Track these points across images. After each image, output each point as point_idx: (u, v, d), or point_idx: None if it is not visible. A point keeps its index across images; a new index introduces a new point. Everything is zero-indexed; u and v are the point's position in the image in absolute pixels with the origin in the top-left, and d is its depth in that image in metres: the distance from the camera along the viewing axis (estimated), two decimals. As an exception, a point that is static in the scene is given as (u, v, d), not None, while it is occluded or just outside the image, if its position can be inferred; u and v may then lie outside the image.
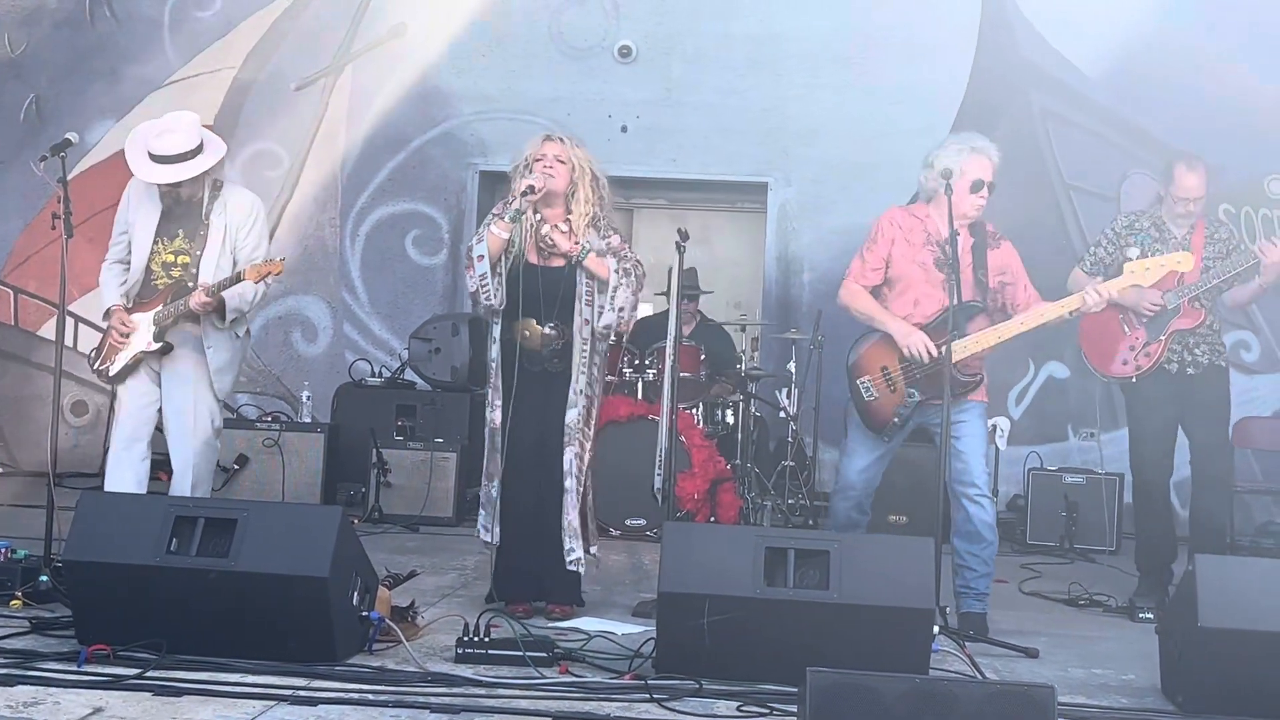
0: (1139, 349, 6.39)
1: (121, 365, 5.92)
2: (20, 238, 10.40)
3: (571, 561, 5.53)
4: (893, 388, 5.64)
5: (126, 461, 5.89)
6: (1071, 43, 10.02)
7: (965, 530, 5.62)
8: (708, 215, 10.72)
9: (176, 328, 5.90)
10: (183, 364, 5.95)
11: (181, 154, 5.79)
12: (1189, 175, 6.39)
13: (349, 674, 4.33)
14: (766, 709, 4.14)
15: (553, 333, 5.56)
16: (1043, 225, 9.65)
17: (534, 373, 5.57)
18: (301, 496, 8.43)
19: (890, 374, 5.64)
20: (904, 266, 5.67)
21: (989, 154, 5.71)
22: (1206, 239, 6.45)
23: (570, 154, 5.61)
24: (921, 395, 5.59)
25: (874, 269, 5.72)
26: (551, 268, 5.58)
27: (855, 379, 5.74)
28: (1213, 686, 4.38)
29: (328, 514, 4.66)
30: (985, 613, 5.65)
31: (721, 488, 8.12)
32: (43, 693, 3.94)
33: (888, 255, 5.69)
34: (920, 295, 5.64)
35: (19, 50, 10.68)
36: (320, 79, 10.55)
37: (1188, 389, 6.40)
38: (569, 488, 5.53)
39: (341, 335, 10.52)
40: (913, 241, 5.68)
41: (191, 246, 5.90)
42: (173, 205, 5.92)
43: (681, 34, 10.35)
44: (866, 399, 5.70)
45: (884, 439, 5.71)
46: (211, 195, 5.96)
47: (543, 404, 5.57)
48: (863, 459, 5.76)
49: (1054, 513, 8.64)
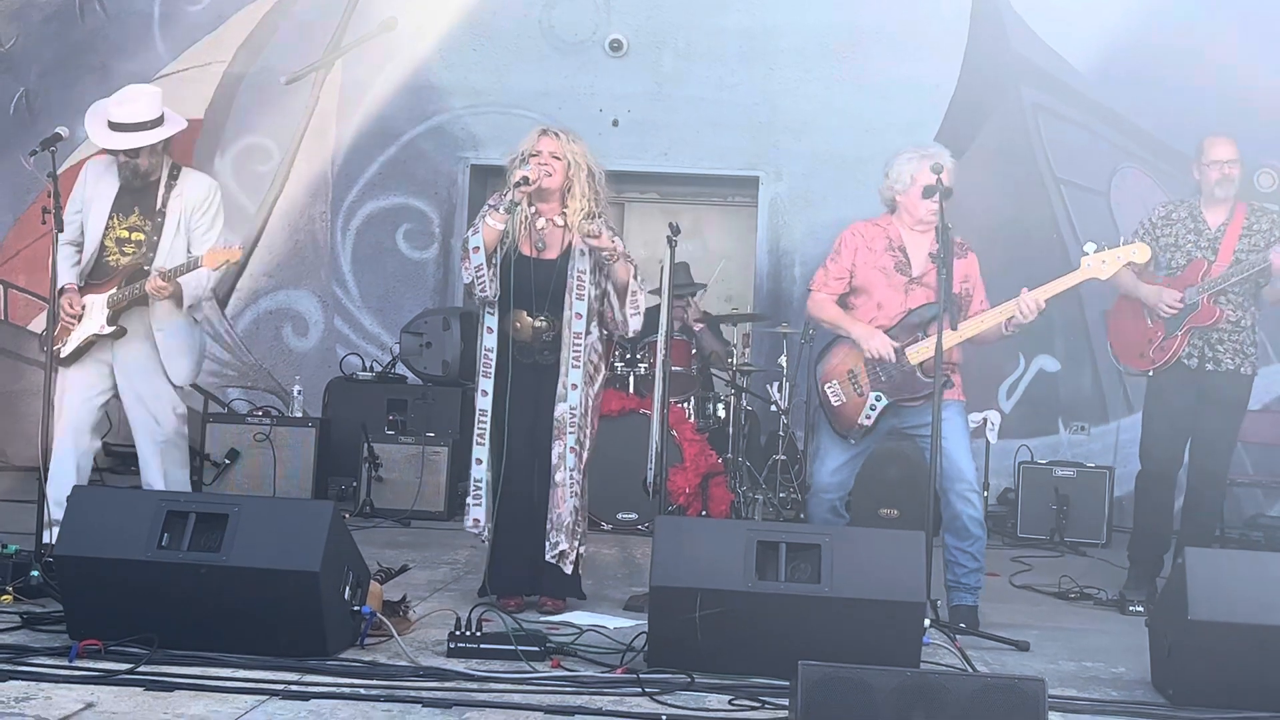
0: (1156, 343, 6.38)
1: (73, 348, 5.87)
2: (10, 232, 10.38)
3: (552, 556, 5.50)
4: (859, 391, 5.70)
5: (71, 454, 5.82)
6: (1062, 37, 10.02)
7: (955, 526, 5.66)
8: (699, 209, 10.71)
9: (129, 312, 5.87)
10: (135, 353, 5.92)
11: (141, 123, 5.79)
12: (1219, 142, 6.42)
13: (341, 668, 4.33)
14: (758, 702, 4.15)
15: (543, 325, 5.56)
16: (1033, 219, 9.67)
17: (525, 364, 5.57)
18: (293, 491, 8.43)
19: (856, 377, 5.71)
20: (866, 273, 5.77)
21: (942, 159, 5.65)
22: (1244, 230, 6.35)
23: (566, 149, 5.60)
24: (888, 398, 5.64)
25: (837, 278, 5.82)
26: (544, 260, 5.59)
27: (823, 384, 5.81)
28: (1203, 679, 4.39)
29: (319, 508, 4.66)
30: (976, 606, 5.69)
31: (713, 482, 8.12)
32: (34, 688, 3.94)
33: (851, 265, 5.80)
34: (883, 299, 5.72)
35: (9, 44, 10.65)
36: (311, 73, 10.54)
37: (1206, 385, 6.36)
38: (559, 480, 5.52)
39: (333, 329, 10.51)
40: (874, 249, 5.78)
41: (146, 227, 5.89)
42: (130, 178, 5.92)
43: (672, 28, 10.35)
44: (834, 403, 5.75)
45: (851, 441, 5.75)
46: (169, 178, 5.96)
47: (534, 396, 5.58)
48: (833, 461, 5.81)
49: (1045, 506, 8.65)
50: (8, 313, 10.29)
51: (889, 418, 5.70)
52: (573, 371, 5.55)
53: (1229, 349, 6.36)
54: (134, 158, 5.87)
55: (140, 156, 5.88)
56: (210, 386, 10.22)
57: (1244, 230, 6.36)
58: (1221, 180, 6.38)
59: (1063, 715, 4.24)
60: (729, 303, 10.58)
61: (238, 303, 10.55)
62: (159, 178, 5.95)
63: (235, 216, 10.45)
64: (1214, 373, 6.35)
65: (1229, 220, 6.39)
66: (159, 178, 5.95)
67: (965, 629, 5.39)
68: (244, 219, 10.50)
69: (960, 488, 5.60)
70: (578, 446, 5.56)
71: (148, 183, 5.94)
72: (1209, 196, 6.43)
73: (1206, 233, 6.39)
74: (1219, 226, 6.39)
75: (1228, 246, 6.33)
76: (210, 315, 10.41)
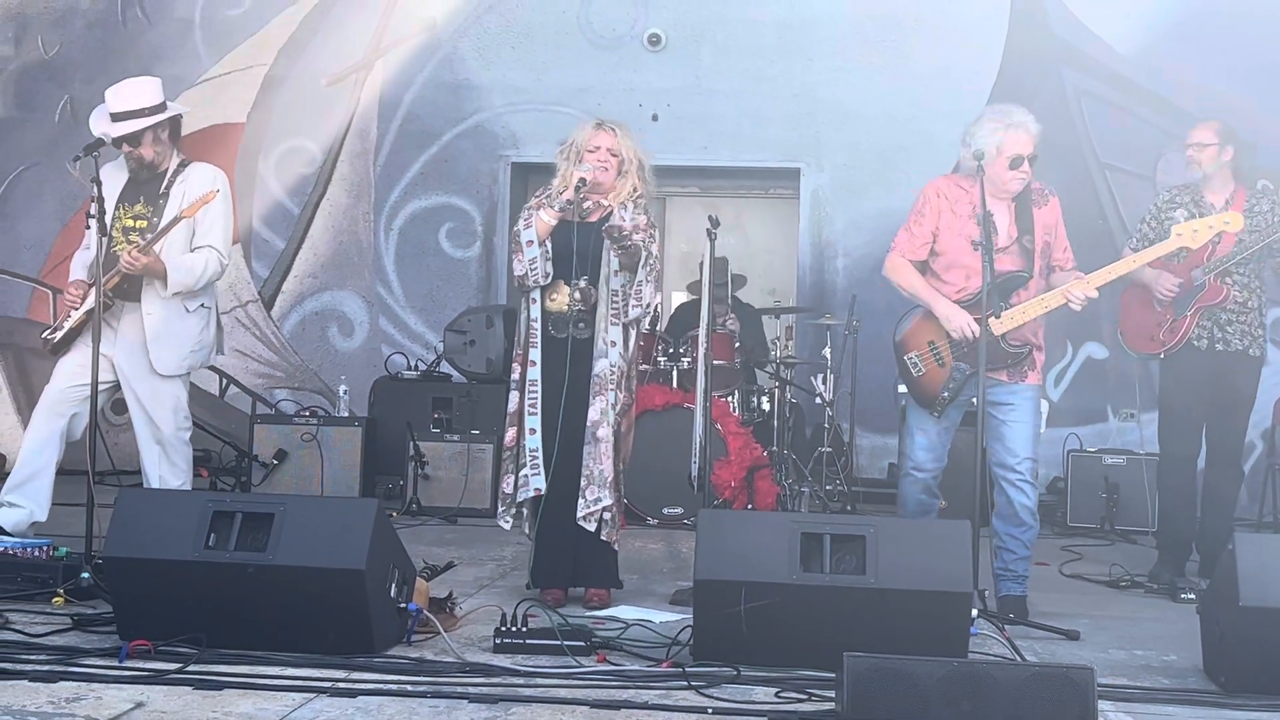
0: (1166, 325, 6.41)
1: (67, 329, 5.90)
2: (58, 238, 10.48)
3: (589, 513, 5.41)
4: (941, 362, 5.61)
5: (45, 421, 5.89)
6: (1104, 20, 9.94)
7: (1006, 514, 5.60)
8: (740, 202, 10.70)
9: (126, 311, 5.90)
10: (132, 350, 5.92)
11: (137, 109, 5.81)
12: (1199, 126, 6.60)
13: (387, 665, 4.34)
14: (804, 694, 4.13)
15: (578, 295, 5.49)
16: (1078, 205, 9.50)
17: (560, 340, 5.49)
18: (340, 490, 8.47)
19: (938, 348, 5.62)
20: (951, 240, 5.60)
21: (1027, 127, 5.53)
22: (1246, 211, 6.39)
23: (622, 146, 5.60)
24: (971, 367, 5.49)
25: (922, 243, 5.66)
26: (586, 224, 5.48)
27: (903, 354, 5.72)
28: (1255, 666, 4.34)
29: (364, 506, 4.66)
30: (1024, 595, 5.63)
31: (758, 475, 8.10)
32: (85, 688, 3.96)
33: (935, 228, 5.63)
34: (971, 270, 5.52)
35: (52, 52, 10.77)
36: (351, 74, 10.59)
37: (1218, 367, 6.41)
38: (600, 436, 5.44)
39: (377, 329, 10.56)
40: (959, 214, 5.60)
41: (150, 216, 5.90)
42: (137, 170, 5.95)
43: (710, 21, 10.33)
44: (915, 374, 5.68)
45: (934, 413, 5.64)
46: (176, 170, 5.99)
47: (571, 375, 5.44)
48: (924, 436, 5.71)
49: (1094, 494, 8.59)
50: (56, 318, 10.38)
51: (970, 390, 5.54)
52: (611, 329, 5.51)
53: (1238, 330, 6.42)
54: (136, 147, 5.89)
55: (142, 146, 5.90)
56: (257, 388, 10.32)
57: (1246, 211, 6.39)
58: (1189, 163, 6.55)
59: (1113, 704, 4.19)
60: (772, 295, 10.56)
61: (283, 304, 10.62)
62: (167, 169, 5.98)
63: (279, 219, 10.59)
64: (1224, 353, 6.40)
65: (1230, 203, 6.45)
66: (167, 169, 5.98)
67: (1014, 619, 5.32)
68: (288, 221, 10.58)
69: (1014, 476, 5.55)
70: (618, 404, 5.50)
71: (155, 174, 5.97)
72: (1206, 180, 6.53)
73: (1212, 212, 6.41)
74: (1221, 207, 6.43)
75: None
76: (256, 317, 10.49)
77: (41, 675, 4.05)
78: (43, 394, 6.01)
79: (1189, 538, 6.57)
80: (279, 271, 10.61)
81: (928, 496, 5.77)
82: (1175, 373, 6.50)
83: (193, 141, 9.91)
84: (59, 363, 6.00)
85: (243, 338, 10.52)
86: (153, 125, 5.91)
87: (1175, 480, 6.57)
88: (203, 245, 5.96)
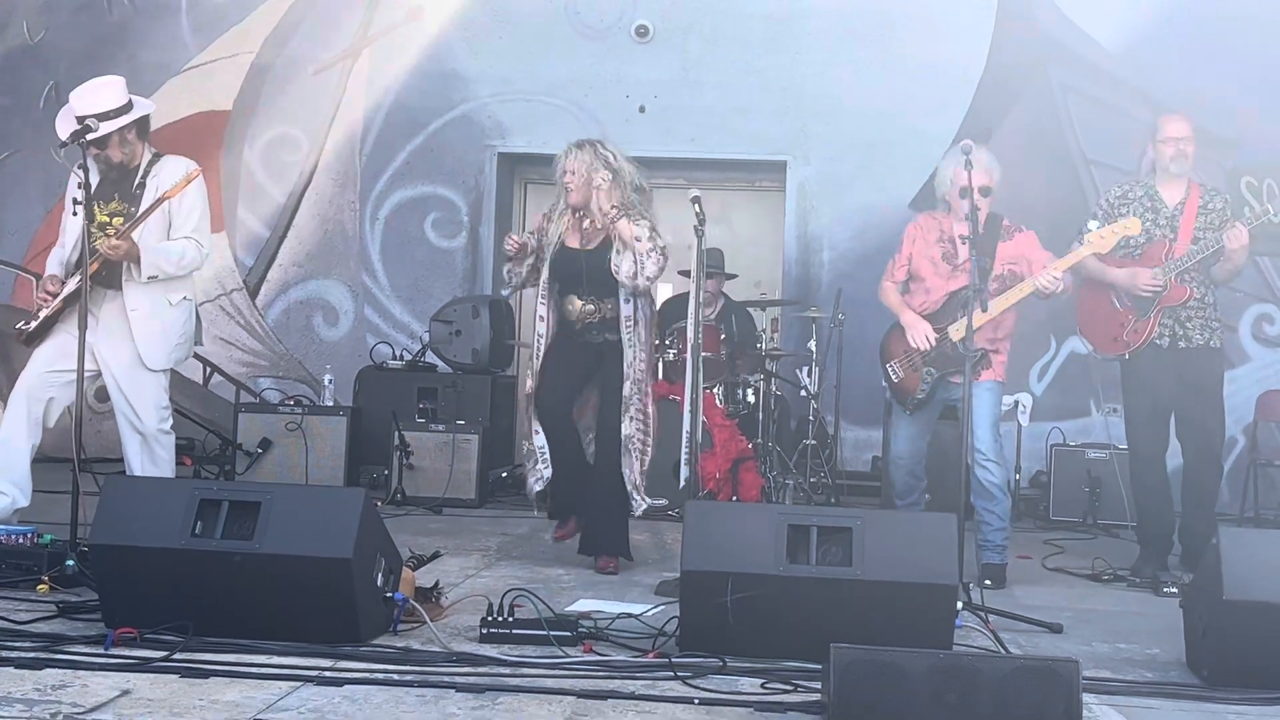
0: (1129, 326, 6.44)
1: (41, 319, 5.87)
2: (41, 224, 10.43)
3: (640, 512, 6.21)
4: (914, 368, 6.35)
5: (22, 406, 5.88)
6: (1092, 17, 9.97)
7: (979, 490, 6.24)
8: (727, 194, 10.68)
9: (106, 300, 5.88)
10: (115, 341, 5.90)
11: (101, 113, 5.77)
12: (1173, 119, 6.60)
13: (374, 654, 4.34)
14: (790, 686, 4.14)
15: (591, 307, 6.14)
16: (1063, 201, 9.58)
17: (577, 344, 6.20)
18: (324, 480, 8.47)
19: (911, 355, 6.35)
20: (919, 263, 6.43)
21: (981, 163, 5.95)
22: (1200, 208, 6.45)
23: (576, 164, 6.06)
24: (938, 371, 6.28)
25: (900, 267, 6.51)
26: (591, 250, 6.11)
27: (884, 363, 6.50)
28: (1238, 659, 4.36)
29: (351, 495, 4.67)
30: (1005, 563, 6.31)
31: (743, 467, 8.12)
32: (70, 676, 3.96)
33: (909, 255, 6.47)
34: (931, 285, 6.37)
35: (38, 37, 10.72)
36: (338, 63, 10.57)
37: (1180, 364, 6.45)
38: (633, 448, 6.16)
39: (362, 319, 10.55)
40: (928, 240, 6.42)
41: (126, 211, 5.88)
42: (106, 170, 5.91)
43: (698, 13, 10.34)
44: (894, 379, 6.45)
45: (908, 412, 6.45)
46: (148, 164, 5.97)
47: (582, 371, 6.22)
48: (903, 431, 6.57)
49: (1077, 488, 8.63)
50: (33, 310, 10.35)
51: (942, 390, 6.37)
52: (626, 351, 6.12)
53: (1197, 325, 6.47)
54: (103, 149, 5.85)
55: (109, 148, 5.87)
56: (242, 376, 10.29)
57: (1200, 209, 6.45)
58: (1176, 156, 6.49)
59: (1097, 697, 4.21)
60: (757, 288, 10.55)
61: (268, 293, 10.60)
62: (139, 165, 5.96)
63: (265, 207, 10.56)
64: (1186, 350, 6.45)
65: (1185, 198, 6.48)
66: (139, 165, 5.96)
67: (991, 585, 5.92)
68: (273, 210, 10.55)
69: (979, 457, 6.18)
70: (640, 415, 6.15)
71: (127, 171, 5.95)
72: (1164, 173, 6.53)
73: (1164, 211, 6.47)
74: (1176, 205, 6.48)
75: (1186, 225, 6.43)
76: (241, 306, 10.47)
77: (27, 662, 4.04)
78: (19, 379, 5.98)
79: (1168, 531, 6.58)
80: (264, 260, 10.59)
81: (912, 479, 6.59)
82: (1138, 372, 6.51)
83: (178, 129, 9.99)
84: (36, 349, 5.97)
85: (227, 326, 10.50)
86: (117, 130, 5.88)
87: (1147, 479, 6.58)
88: (180, 236, 5.95)
